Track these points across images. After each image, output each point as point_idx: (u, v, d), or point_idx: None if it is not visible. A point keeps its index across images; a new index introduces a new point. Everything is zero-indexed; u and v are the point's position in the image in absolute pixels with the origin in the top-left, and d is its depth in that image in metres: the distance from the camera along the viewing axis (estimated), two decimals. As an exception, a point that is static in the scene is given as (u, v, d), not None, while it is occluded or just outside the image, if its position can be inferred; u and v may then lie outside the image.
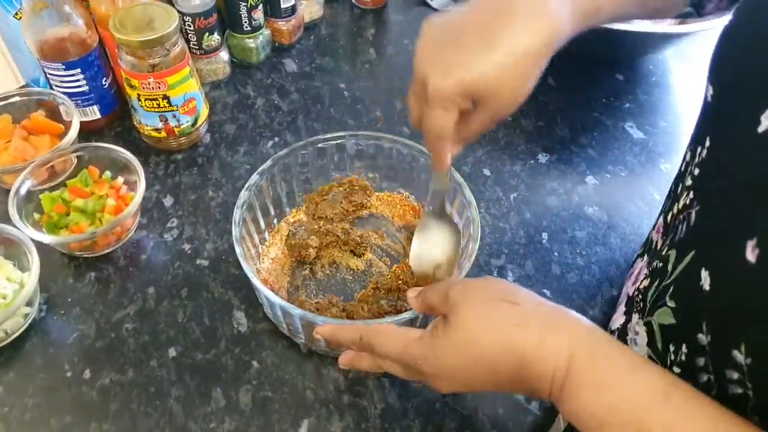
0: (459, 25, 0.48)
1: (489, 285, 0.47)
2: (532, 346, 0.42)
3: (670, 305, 0.44)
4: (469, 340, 0.44)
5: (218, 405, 0.58)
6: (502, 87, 0.46)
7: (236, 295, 0.65)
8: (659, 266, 0.47)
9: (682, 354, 0.41)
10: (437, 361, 0.45)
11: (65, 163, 0.71)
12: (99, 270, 0.68)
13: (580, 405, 0.39)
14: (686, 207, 0.43)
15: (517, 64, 0.46)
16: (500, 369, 0.43)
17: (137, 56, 0.69)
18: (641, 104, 0.86)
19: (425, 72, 0.47)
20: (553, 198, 0.75)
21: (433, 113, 0.48)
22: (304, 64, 0.91)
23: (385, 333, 0.49)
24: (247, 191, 0.64)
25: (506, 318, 0.43)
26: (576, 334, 0.42)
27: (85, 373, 0.60)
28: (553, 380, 0.41)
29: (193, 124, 0.77)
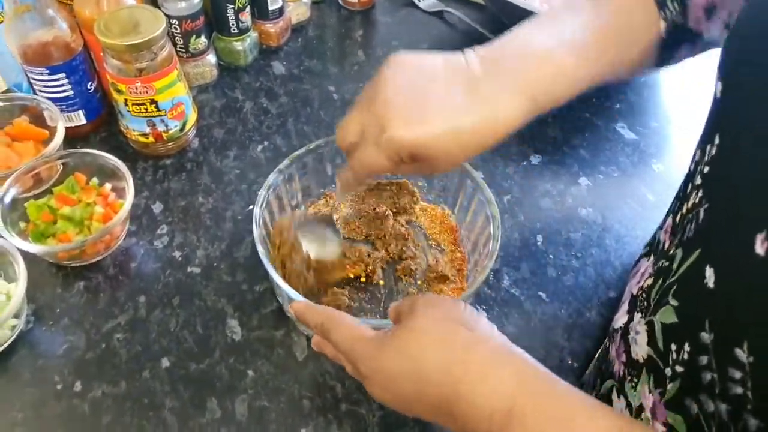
0: (431, 79, 0.48)
1: (454, 307, 0.46)
2: (471, 375, 0.41)
3: (672, 304, 0.43)
4: (412, 346, 0.43)
5: (213, 416, 0.57)
6: (448, 155, 0.47)
7: (229, 302, 0.64)
8: (665, 265, 0.47)
9: (684, 353, 0.41)
10: (374, 363, 0.45)
11: (51, 169, 0.70)
12: (88, 279, 0.66)
13: None
14: (695, 206, 0.43)
15: (474, 140, 0.47)
16: (432, 390, 0.42)
17: (124, 60, 0.68)
18: (631, 105, 0.86)
19: (386, 118, 0.47)
20: (547, 200, 0.75)
21: (375, 156, 0.49)
22: (292, 67, 0.90)
23: (342, 325, 0.48)
24: (265, 190, 0.63)
25: (455, 340, 0.43)
26: (523, 372, 0.41)
27: (76, 386, 0.58)
28: (492, 418, 0.40)
29: (182, 128, 0.75)
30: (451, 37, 0.96)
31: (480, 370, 0.41)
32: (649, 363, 0.46)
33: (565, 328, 0.64)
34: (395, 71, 0.49)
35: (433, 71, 0.49)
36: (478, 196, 0.63)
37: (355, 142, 0.50)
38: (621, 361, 0.52)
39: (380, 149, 0.48)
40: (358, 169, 0.51)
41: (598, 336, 0.63)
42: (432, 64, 0.49)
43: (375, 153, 0.48)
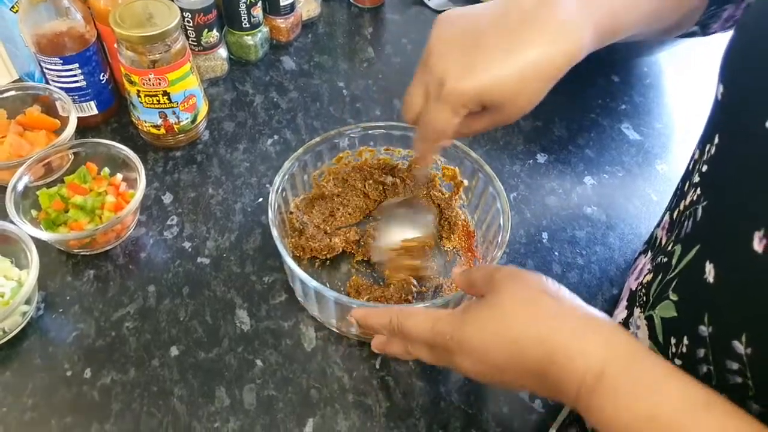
0: (481, 25, 0.47)
1: (536, 277, 0.47)
2: (564, 341, 0.41)
3: (672, 298, 0.44)
4: (501, 320, 0.43)
5: (222, 404, 0.57)
6: (518, 97, 0.46)
7: (239, 293, 0.65)
8: (663, 261, 0.47)
9: (683, 346, 0.42)
10: (464, 336, 0.44)
11: (62, 159, 0.70)
12: (98, 268, 0.67)
13: (615, 412, 0.38)
14: (693, 203, 0.44)
15: (538, 76, 0.46)
16: (526, 358, 0.42)
17: (137, 52, 0.68)
18: (636, 106, 0.87)
19: (444, 70, 0.46)
20: (553, 198, 0.76)
21: (441, 113, 0.48)
22: (302, 62, 0.90)
23: (414, 314, 0.49)
24: (279, 176, 0.64)
25: (544, 309, 0.43)
26: (613, 338, 0.41)
27: (86, 373, 0.59)
28: (583, 383, 0.39)
29: (193, 121, 0.76)
30: (459, 36, 0.97)
31: (570, 336, 0.41)
32: None
33: (569, 324, 0.64)
34: (444, 28, 0.48)
35: (486, 15, 0.48)
36: (489, 189, 0.64)
37: (421, 109, 0.50)
38: None
39: (446, 105, 0.47)
40: (431, 133, 0.50)
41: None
42: (480, 12, 0.48)
43: (442, 110, 0.47)
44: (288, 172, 0.65)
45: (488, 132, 0.80)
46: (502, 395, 0.59)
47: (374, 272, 0.67)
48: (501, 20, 0.47)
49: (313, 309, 0.62)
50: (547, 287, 0.45)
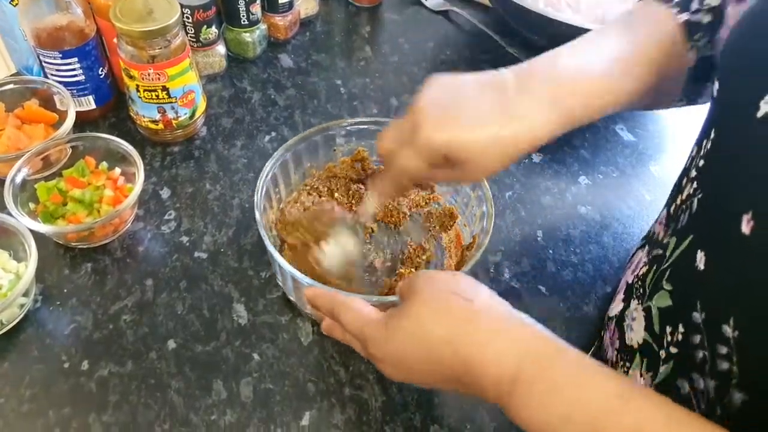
0: (462, 96, 0.51)
1: (452, 278, 0.48)
2: (476, 346, 0.42)
3: (667, 288, 0.45)
4: (414, 324, 0.45)
5: (219, 397, 0.58)
6: (479, 161, 0.49)
7: (236, 288, 0.65)
8: (658, 253, 0.49)
9: (678, 334, 0.43)
10: (385, 345, 0.46)
11: (60, 152, 0.71)
12: (95, 261, 0.67)
13: (531, 413, 0.39)
14: (690, 196, 0.45)
15: (500, 149, 0.49)
16: (440, 361, 0.43)
17: (137, 47, 0.69)
18: (631, 107, 0.88)
19: (421, 119, 0.50)
20: (548, 197, 0.76)
21: (410, 156, 0.51)
22: (300, 60, 0.91)
23: (351, 308, 0.50)
24: (271, 161, 0.64)
25: (455, 311, 0.44)
26: (527, 337, 0.42)
27: (83, 365, 0.59)
28: (499, 386, 0.41)
29: (191, 116, 0.76)
30: (457, 36, 0.98)
31: (483, 340, 0.42)
32: (643, 347, 0.47)
33: (563, 321, 0.65)
34: (432, 88, 0.52)
35: (468, 85, 0.52)
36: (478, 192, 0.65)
37: (393, 149, 0.53)
38: (614, 348, 0.53)
39: (416, 151, 0.50)
40: (397, 173, 0.53)
41: (594, 329, 0.65)
42: (467, 80, 0.52)
43: (411, 155, 0.51)
44: (280, 160, 0.65)
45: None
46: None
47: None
48: (480, 94, 0.51)
49: (289, 293, 0.63)
50: (462, 288, 0.46)
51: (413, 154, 0.51)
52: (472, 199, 0.66)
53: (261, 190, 0.62)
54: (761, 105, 0.37)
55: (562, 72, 0.51)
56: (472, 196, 0.66)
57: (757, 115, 0.37)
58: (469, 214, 0.67)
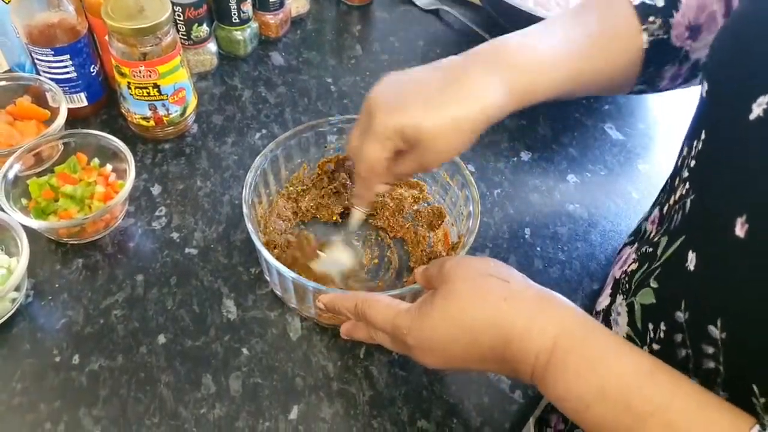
0: (413, 83, 0.53)
1: (484, 261, 0.49)
2: (516, 322, 0.43)
3: (652, 286, 0.46)
4: (454, 310, 0.45)
5: (208, 391, 0.58)
6: (435, 141, 0.51)
7: (225, 284, 0.66)
8: (648, 251, 0.49)
9: (660, 331, 0.44)
10: (421, 332, 0.46)
11: (52, 149, 0.71)
12: (87, 257, 0.67)
13: (566, 386, 0.40)
14: (682, 197, 0.46)
15: (452, 127, 0.51)
16: (482, 343, 0.44)
17: (129, 44, 0.69)
18: (620, 107, 0.89)
19: (374, 108, 0.52)
20: (536, 195, 0.77)
21: (371, 146, 0.53)
22: (290, 58, 0.92)
23: (377, 303, 0.50)
24: (261, 157, 0.65)
25: (494, 292, 0.45)
26: (563, 315, 0.43)
27: (74, 359, 0.60)
28: (537, 359, 0.42)
29: (182, 113, 0.77)
30: (447, 35, 0.98)
31: (523, 317, 0.43)
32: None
33: (549, 317, 0.66)
34: (384, 82, 0.54)
35: (417, 73, 0.54)
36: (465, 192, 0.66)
37: (357, 145, 0.54)
38: None
39: (375, 139, 0.52)
40: (364, 168, 0.54)
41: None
42: (416, 70, 0.55)
43: (371, 143, 0.52)
44: (269, 156, 0.66)
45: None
46: (483, 386, 0.60)
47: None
48: (429, 79, 0.53)
49: (276, 288, 0.64)
50: (495, 270, 0.47)
51: (373, 144, 0.52)
52: (460, 199, 0.66)
53: (249, 186, 0.63)
54: (753, 107, 0.37)
55: (510, 51, 0.53)
56: (461, 195, 0.66)
57: (750, 118, 0.37)
58: (457, 214, 0.68)
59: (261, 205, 0.68)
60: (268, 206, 0.70)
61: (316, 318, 0.62)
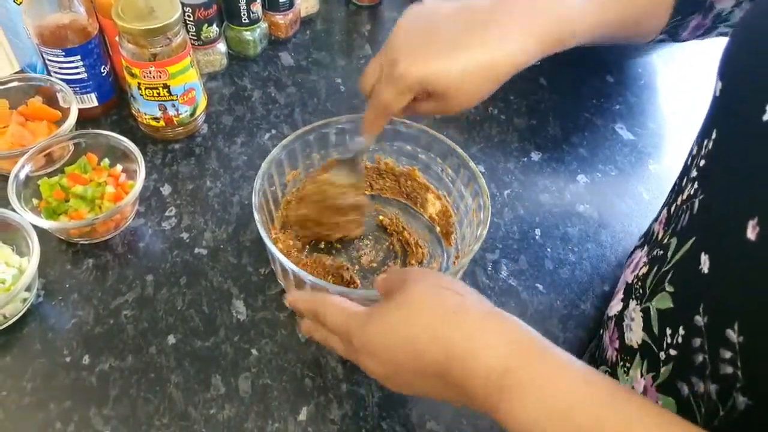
0: (438, 23, 0.52)
1: (441, 276, 0.49)
2: (463, 337, 0.40)
3: (668, 290, 0.45)
4: (403, 317, 0.44)
5: (218, 392, 0.59)
6: (459, 91, 0.50)
7: (235, 284, 0.66)
8: (659, 254, 0.49)
9: (678, 336, 0.43)
10: (367, 335, 0.45)
11: (63, 149, 0.71)
12: (97, 257, 0.68)
13: (523, 410, 0.37)
14: (690, 197, 0.45)
15: (480, 75, 0.50)
16: (425, 356, 0.42)
17: (139, 45, 0.69)
18: (630, 106, 0.88)
19: (397, 54, 0.51)
20: (546, 195, 0.77)
21: (389, 91, 0.52)
22: (300, 58, 0.91)
23: (333, 305, 0.49)
24: (266, 163, 0.65)
25: (445, 303, 0.43)
26: (514, 333, 0.41)
27: (84, 359, 0.60)
28: (488, 381, 0.39)
29: (192, 114, 0.77)
30: (457, 34, 0.98)
31: (471, 332, 0.41)
32: (643, 348, 0.48)
33: (560, 318, 0.66)
34: (407, 19, 0.53)
35: (445, 14, 0.52)
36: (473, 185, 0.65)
37: (373, 84, 0.54)
38: (614, 348, 0.54)
39: (393, 85, 0.51)
40: (378, 108, 0.54)
41: (592, 327, 0.65)
42: (444, 8, 0.53)
43: (390, 90, 0.52)
44: (275, 159, 0.66)
45: (483, 129, 0.82)
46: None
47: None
48: (456, 20, 0.51)
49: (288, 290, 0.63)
50: (451, 284, 0.46)
51: (393, 90, 0.52)
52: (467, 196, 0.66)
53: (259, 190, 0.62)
54: (767, 108, 0.36)
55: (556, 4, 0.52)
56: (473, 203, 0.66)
57: (763, 119, 0.37)
58: (464, 211, 0.67)
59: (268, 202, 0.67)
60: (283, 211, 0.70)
61: None
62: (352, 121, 0.69)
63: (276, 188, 0.68)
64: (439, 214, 0.71)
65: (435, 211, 0.71)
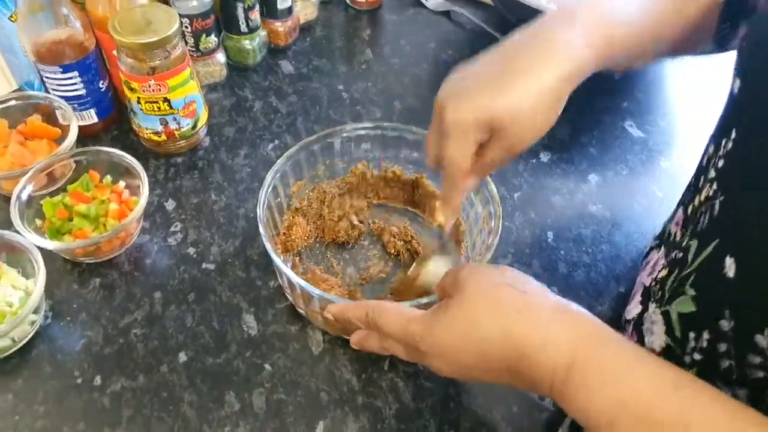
0: (481, 67, 0.50)
1: (500, 271, 0.47)
2: (531, 335, 0.41)
3: (690, 293, 0.44)
4: (467, 319, 0.44)
5: (232, 409, 0.57)
6: (519, 118, 0.47)
7: (245, 298, 0.65)
8: (679, 257, 0.47)
9: (703, 341, 0.42)
10: (433, 339, 0.45)
11: (64, 168, 0.70)
12: (103, 276, 0.67)
13: (587, 400, 0.39)
14: (709, 198, 0.44)
15: (534, 97, 0.47)
16: (495, 355, 0.42)
17: (137, 59, 0.68)
18: (639, 103, 0.87)
19: (443, 103, 0.49)
20: (557, 197, 0.76)
21: (450, 144, 0.49)
22: (300, 66, 0.90)
23: (389, 311, 0.49)
24: (271, 174, 0.64)
25: (509, 303, 0.43)
26: (581, 326, 0.41)
27: (96, 380, 0.59)
28: (555, 373, 0.40)
29: (193, 126, 0.76)
30: (458, 36, 0.97)
31: (537, 328, 0.41)
32: (666, 352, 0.46)
33: (576, 322, 0.64)
34: (448, 79, 0.51)
35: (481, 59, 0.51)
36: (484, 192, 0.64)
37: (439, 152, 0.52)
38: None
39: (451, 136, 0.49)
40: (450, 170, 0.51)
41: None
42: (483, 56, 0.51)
43: (451, 144, 0.49)
44: (280, 170, 0.65)
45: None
46: (511, 395, 0.59)
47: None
48: (499, 58, 0.50)
49: (297, 305, 0.63)
50: (511, 280, 0.45)
51: (453, 143, 0.49)
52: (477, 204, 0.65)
53: (263, 203, 0.61)
54: None
55: (583, 7, 0.50)
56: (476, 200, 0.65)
57: None
58: (474, 217, 0.66)
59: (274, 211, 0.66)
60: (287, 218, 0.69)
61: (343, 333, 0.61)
62: (357, 130, 0.68)
63: (281, 199, 0.67)
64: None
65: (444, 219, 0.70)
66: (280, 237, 0.67)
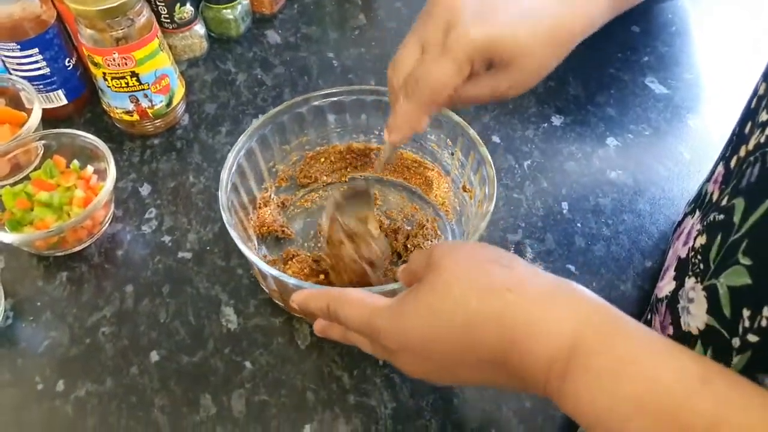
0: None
1: (481, 247, 0.40)
2: (525, 318, 0.34)
3: (744, 263, 0.36)
4: (442, 304, 0.36)
5: (208, 413, 0.51)
6: (529, 57, 0.43)
7: (224, 289, 0.59)
8: (719, 219, 0.39)
9: (763, 318, 0.34)
10: (402, 333, 0.38)
11: (29, 154, 0.65)
12: (71, 269, 0.61)
13: (591, 397, 0.32)
14: (759, 146, 0.36)
15: (552, 36, 0.44)
16: (481, 343, 0.35)
17: (98, 29, 0.62)
18: (661, 57, 0.78)
19: (453, 15, 0.42)
20: (572, 163, 0.68)
21: (442, 66, 0.43)
22: (288, 35, 0.83)
23: (350, 302, 0.41)
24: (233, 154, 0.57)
25: (496, 281, 0.36)
26: (583, 308, 0.34)
27: (58, 385, 0.53)
28: (551, 366, 0.33)
29: (168, 104, 0.69)
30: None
31: (533, 310, 0.34)
32: (707, 334, 0.39)
33: (597, 302, 0.57)
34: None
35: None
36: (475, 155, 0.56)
37: (411, 73, 0.45)
38: (667, 334, 0.45)
39: (449, 56, 0.42)
40: (424, 92, 0.44)
41: (635, 310, 0.56)
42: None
43: (443, 62, 0.43)
44: (243, 148, 0.58)
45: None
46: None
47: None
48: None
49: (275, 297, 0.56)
50: (496, 256, 0.38)
51: (446, 62, 0.42)
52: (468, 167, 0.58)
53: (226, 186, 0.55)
54: None
55: None
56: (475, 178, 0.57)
57: None
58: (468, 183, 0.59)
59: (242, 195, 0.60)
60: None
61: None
62: (329, 97, 0.61)
63: (251, 182, 0.60)
64: (444, 193, 0.63)
65: (440, 191, 0.63)
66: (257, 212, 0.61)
